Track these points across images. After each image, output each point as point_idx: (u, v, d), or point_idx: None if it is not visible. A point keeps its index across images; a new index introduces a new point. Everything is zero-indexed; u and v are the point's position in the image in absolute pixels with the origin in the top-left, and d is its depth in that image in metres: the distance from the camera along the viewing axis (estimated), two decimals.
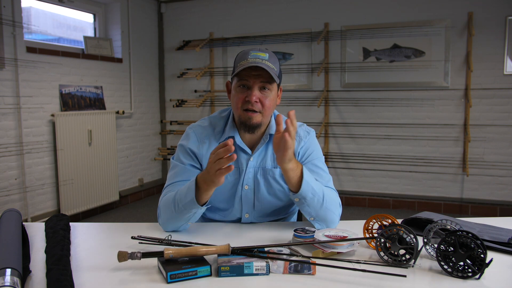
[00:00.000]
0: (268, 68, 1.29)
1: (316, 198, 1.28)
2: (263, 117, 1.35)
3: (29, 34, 3.75)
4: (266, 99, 1.33)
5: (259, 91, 1.33)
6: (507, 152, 4.06)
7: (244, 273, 0.99)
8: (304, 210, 1.31)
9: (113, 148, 4.38)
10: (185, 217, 1.29)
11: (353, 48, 4.47)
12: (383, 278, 0.97)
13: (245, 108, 1.33)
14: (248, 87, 1.33)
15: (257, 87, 1.32)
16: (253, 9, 4.82)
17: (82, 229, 1.38)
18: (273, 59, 1.34)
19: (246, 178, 1.41)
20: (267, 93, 1.34)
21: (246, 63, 1.30)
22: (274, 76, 1.30)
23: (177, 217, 1.29)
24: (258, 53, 1.33)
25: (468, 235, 0.98)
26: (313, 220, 1.34)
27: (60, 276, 0.93)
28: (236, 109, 1.36)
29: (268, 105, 1.34)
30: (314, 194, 1.27)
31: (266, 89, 1.33)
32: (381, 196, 4.51)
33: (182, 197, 1.27)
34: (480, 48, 4.05)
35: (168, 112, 5.32)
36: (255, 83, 1.32)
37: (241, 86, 1.34)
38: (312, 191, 1.27)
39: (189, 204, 1.25)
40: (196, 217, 1.31)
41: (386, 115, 4.41)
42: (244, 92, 1.33)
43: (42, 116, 3.70)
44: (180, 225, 1.32)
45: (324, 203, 1.30)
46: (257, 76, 1.31)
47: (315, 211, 1.30)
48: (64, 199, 3.82)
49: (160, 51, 5.24)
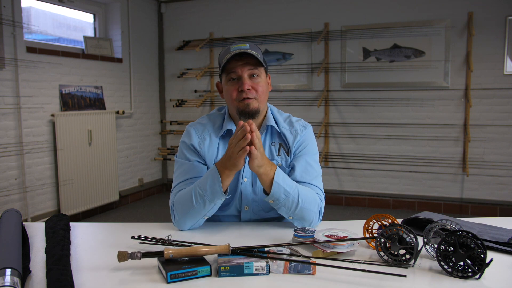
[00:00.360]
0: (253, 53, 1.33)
1: (291, 198, 1.29)
2: (259, 103, 1.38)
3: (29, 34, 3.75)
4: (258, 85, 1.37)
5: (249, 79, 1.36)
6: (507, 152, 4.06)
7: (244, 273, 0.99)
8: (280, 210, 1.33)
9: (113, 148, 4.38)
10: (206, 210, 1.30)
11: (353, 48, 4.47)
12: (383, 278, 0.97)
13: (240, 98, 1.36)
14: (238, 78, 1.36)
15: (246, 76, 1.36)
16: (253, 9, 4.82)
17: (82, 229, 1.38)
18: (254, 47, 1.38)
19: (245, 170, 1.42)
20: (257, 79, 1.37)
21: (228, 56, 1.35)
22: (260, 60, 1.35)
23: (197, 211, 1.30)
24: (239, 44, 1.37)
25: (468, 235, 0.98)
26: (292, 219, 1.35)
27: (60, 276, 0.93)
28: (232, 102, 1.39)
29: (262, 90, 1.38)
30: (288, 194, 1.29)
31: (255, 75, 1.37)
32: (381, 196, 4.51)
33: (205, 188, 1.28)
34: (480, 48, 4.05)
35: (168, 112, 5.32)
36: (243, 71, 1.35)
37: (231, 80, 1.38)
38: (285, 192, 1.28)
39: (214, 194, 1.27)
40: (214, 210, 1.33)
41: (386, 115, 4.41)
42: (235, 84, 1.37)
43: (42, 116, 3.70)
44: (197, 220, 1.33)
45: (300, 203, 1.31)
46: (243, 65, 1.35)
47: (291, 211, 1.32)
48: (64, 199, 3.82)
49: (160, 51, 5.24)
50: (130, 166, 4.81)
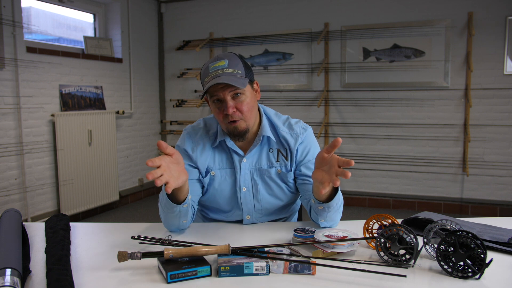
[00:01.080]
0: (231, 77, 1.27)
1: (338, 205, 1.29)
2: (247, 122, 1.35)
3: (29, 34, 3.75)
4: (242, 105, 1.32)
5: (233, 100, 1.31)
6: (507, 152, 4.06)
7: (244, 273, 0.99)
8: (321, 214, 1.31)
9: (113, 148, 4.38)
10: (174, 215, 1.29)
11: (353, 48, 4.47)
12: (383, 278, 0.97)
13: (227, 121, 1.33)
14: (221, 100, 1.32)
15: (229, 98, 1.30)
16: (253, 9, 4.82)
17: (82, 229, 1.38)
18: (233, 61, 1.32)
19: (242, 179, 1.42)
20: (241, 98, 1.32)
21: (209, 79, 1.30)
22: (239, 83, 1.28)
23: (168, 215, 1.30)
24: (217, 63, 1.31)
25: (468, 235, 0.98)
26: (323, 221, 1.33)
27: (60, 276, 0.93)
28: (221, 123, 1.37)
29: (246, 109, 1.33)
30: (337, 202, 1.28)
31: (239, 95, 1.31)
32: (381, 196, 4.51)
33: (161, 198, 1.29)
34: (480, 48, 4.05)
35: (168, 112, 5.32)
36: (225, 94, 1.30)
37: (216, 102, 1.33)
38: (337, 201, 1.27)
39: (168, 204, 1.26)
40: (186, 214, 1.30)
41: (386, 115, 4.41)
42: (221, 107, 1.33)
43: (42, 116, 3.70)
44: (176, 224, 1.32)
45: (339, 208, 1.31)
46: (224, 87, 1.29)
47: (330, 215, 1.31)
48: (64, 199, 3.82)
49: (160, 51, 5.24)
50: (130, 166, 4.81)
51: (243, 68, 1.33)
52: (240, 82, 1.29)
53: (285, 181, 1.43)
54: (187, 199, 1.27)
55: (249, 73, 1.36)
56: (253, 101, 1.36)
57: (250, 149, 1.42)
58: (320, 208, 1.28)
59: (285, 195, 1.45)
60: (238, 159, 1.42)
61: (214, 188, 1.43)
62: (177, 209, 1.26)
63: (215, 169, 1.43)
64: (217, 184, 1.43)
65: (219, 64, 1.31)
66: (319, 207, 1.28)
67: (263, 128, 1.41)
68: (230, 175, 1.43)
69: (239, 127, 1.34)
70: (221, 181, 1.42)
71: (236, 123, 1.33)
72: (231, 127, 1.34)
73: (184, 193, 1.25)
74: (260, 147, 1.43)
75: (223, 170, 1.43)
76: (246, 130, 1.36)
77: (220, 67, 1.30)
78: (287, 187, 1.44)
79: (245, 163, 1.42)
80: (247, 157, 1.42)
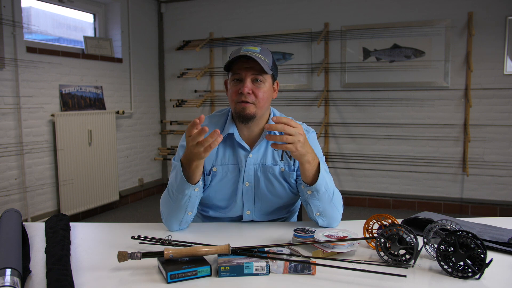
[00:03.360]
0: (259, 60, 1.31)
1: (328, 193, 1.31)
2: (257, 109, 1.36)
3: (29, 34, 3.75)
4: (259, 90, 1.35)
5: (251, 83, 1.34)
6: (507, 152, 4.06)
7: (244, 273, 0.99)
8: (313, 203, 1.33)
9: (113, 148, 4.38)
10: (182, 204, 1.30)
11: (353, 48, 4.47)
12: (383, 278, 0.97)
13: (239, 100, 1.35)
14: (241, 80, 1.35)
15: (249, 79, 1.34)
16: (253, 9, 4.82)
17: (82, 229, 1.38)
18: (265, 52, 1.37)
19: (246, 175, 1.42)
20: (259, 85, 1.35)
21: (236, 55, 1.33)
22: (265, 68, 1.32)
23: (175, 206, 1.30)
24: (250, 47, 1.36)
25: (468, 235, 0.98)
26: (319, 215, 1.35)
27: (60, 276, 0.93)
28: (231, 102, 1.38)
29: (262, 96, 1.35)
30: (327, 188, 1.30)
31: (259, 81, 1.35)
32: (381, 196, 4.51)
33: (173, 181, 1.30)
34: (480, 48, 4.05)
35: (168, 112, 5.32)
36: (247, 75, 1.34)
37: (234, 80, 1.36)
38: (326, 185, 1.30)
39: (181, 185, 1.27)
40: (192, 203, 1.31)
41: (386, 115, 4.41)
42: (237, 85, 1.36)
43: (42, 116, 3.70)
44: (181, 217, 1.32)
45: (333, 199, 1.32)
46: (248, 68, 1.33)
47: (323, 206, 1.32)
48: (64, 199, 3.82)
49: (160, 51, 5.24)
50: (130, 166, 4.81)
51: (272, 61, 1.39)
52: (266, 68, 1.33)
53: (287, 180, 1.44)
54: (199, 182, 1.29)
55: (275, 69, 1.42)
56: (269, 93, 1.39)
57: (256, 144, 1.42)
58: (309, 193, 1.31)
59: (286, 194, 1.45)
60: (244, 154, 1.43)
61: (214, 184, 1.43)
62: (188, 193, 1.28)
63: (217, 164, 1.43)
64: (218, 180, 1.42)
65: (252, 48, 1.35)
66: (308, 192, 1.31)
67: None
68: (232, 170, 1.42)
69: (247, 109, 1.34)
70: (222, 177, 1.42)
71: (246, 105, 1.34)
72: (240, 106, 1.35)
73: (199, 173, 1.28)
74: (266, 144, 1.44)
75: (225, 166, 1.43)
76: (253, 116, 1.36)
77: (252, 50, 1.34)
78: (289, 186, 1.44)
79: (251, 158, 1.42)
80: (253, 153, 1.42)
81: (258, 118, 1.39)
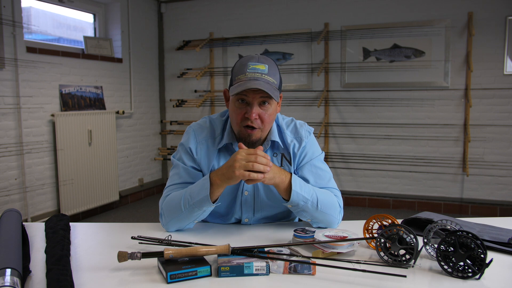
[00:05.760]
0: (268, 86, 1.24)
1: (310, 203, 1.28)
2: (263, 132, 1.33)
3: (29, 34, 3.75)
4: (266, 115, 1.29)
5: (258, 107, 1.28)
6: (507, 152, 4.06)
7: (244, 273, 0.99)
8: (300, 214, 1.33)
9: (113, 148, 4.38)
10: (194, 216, 1.29)
11: (353, 48, 4.47)
12: (383, 278, 0.97)
13: (244, 124, 1.29)
14: (247, 103, 1.28)
15: (256, 103, 1.27)
16: (253, 9, 4.82)
17: (82, 229, 1.38)
18: (273, 70, 1.29)
19: (245, 184, 1.40)
20: (267, 108, 1.29)
21: (244, 78, 1.25)
22: (273, 94, 1.25)
23: (185, 216, 1.29)
24: (257, 65, 1.27)
25: (468, 235, 0.98)
26: (311, 221, 1.35)
27: (60, 276, 0.93)
28: (236, 124, 1.32)
29: (268, 120, 1.30)
30: (306, 201, 1.28)
31: (266, 103, 1.28)
32: (381, 196, 4.51)
33: (194, 195, 1.26)
34: (480, 48, 4.05)
35: (168, 112, 5.32)
36: (254, 98, 1.26)
37: (239, 101, 1.29)
38: (303, 198, 1.27)
39: (202, 202, 1.25)
40: (203, 216, 1.31)
41: (386, 115, 4.41)
42: (243, 108, 1.29)
43: (42, 116, 3.70)
44: (185, 224, 1.32)
45: (319, 207, 1.30)
46: (256, 91, 1.25)
47: (310, 215, 1.32)
48: (64, 199, 3.82)
49: (160, 51, 5.24)
50: (130, 166, 4.81)
51: (279, 79, 1.32)
52: (275, 94, 1.26)
53: None
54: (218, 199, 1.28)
55: (281, 85, 1.36)
56: (274, 113, 1.34)
57: None
58: (290, 207, 1.31)
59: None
60: None
61: None
62: (206, 209, 1.28)
63: None
64: None
65: (260, 67, 1.27)
66: (289, 206, 1.31)
67: (272, 133, 1.39)
68: None
69: (254, 136, 1.30)
70: None
71: (253, 131, 1.29)
72: (245, 133, 1.30)
73: (219, 193, 1.27)
74: (265, 151, 1.40)
75: None
76: (259, 140, 1.34)
77: (260, 70, 1.26)
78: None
79: None
80: None
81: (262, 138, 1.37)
